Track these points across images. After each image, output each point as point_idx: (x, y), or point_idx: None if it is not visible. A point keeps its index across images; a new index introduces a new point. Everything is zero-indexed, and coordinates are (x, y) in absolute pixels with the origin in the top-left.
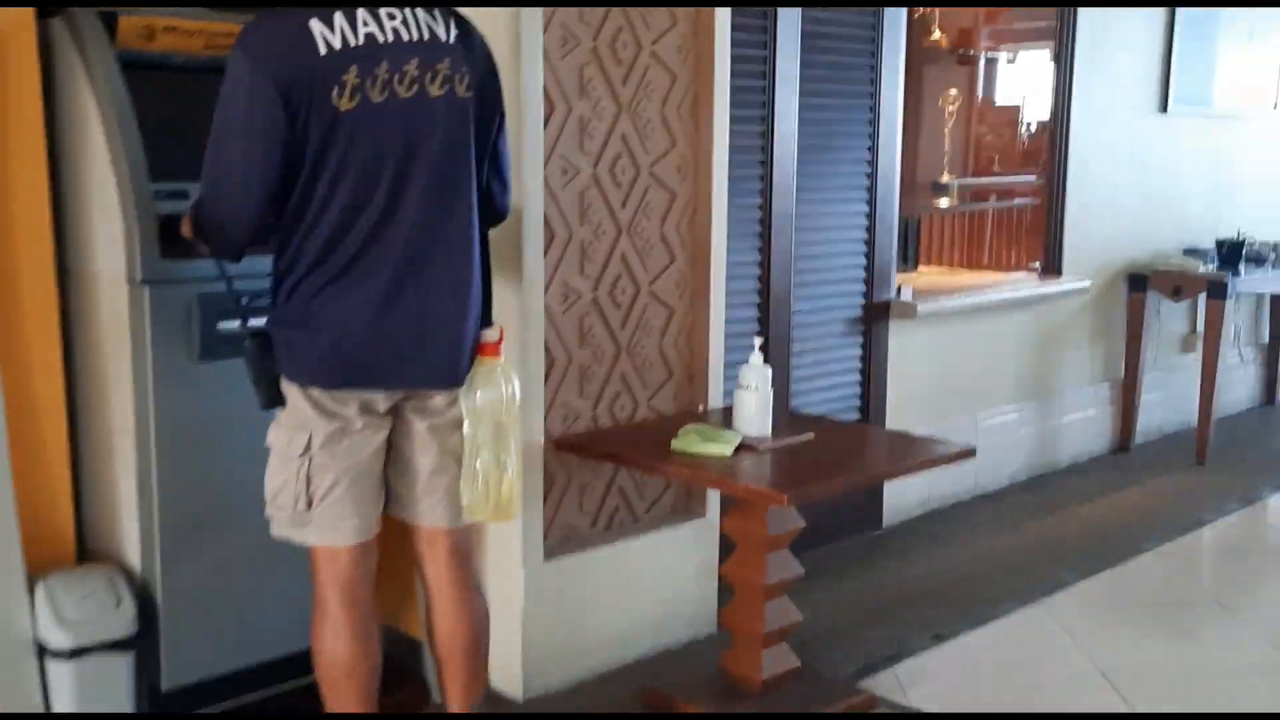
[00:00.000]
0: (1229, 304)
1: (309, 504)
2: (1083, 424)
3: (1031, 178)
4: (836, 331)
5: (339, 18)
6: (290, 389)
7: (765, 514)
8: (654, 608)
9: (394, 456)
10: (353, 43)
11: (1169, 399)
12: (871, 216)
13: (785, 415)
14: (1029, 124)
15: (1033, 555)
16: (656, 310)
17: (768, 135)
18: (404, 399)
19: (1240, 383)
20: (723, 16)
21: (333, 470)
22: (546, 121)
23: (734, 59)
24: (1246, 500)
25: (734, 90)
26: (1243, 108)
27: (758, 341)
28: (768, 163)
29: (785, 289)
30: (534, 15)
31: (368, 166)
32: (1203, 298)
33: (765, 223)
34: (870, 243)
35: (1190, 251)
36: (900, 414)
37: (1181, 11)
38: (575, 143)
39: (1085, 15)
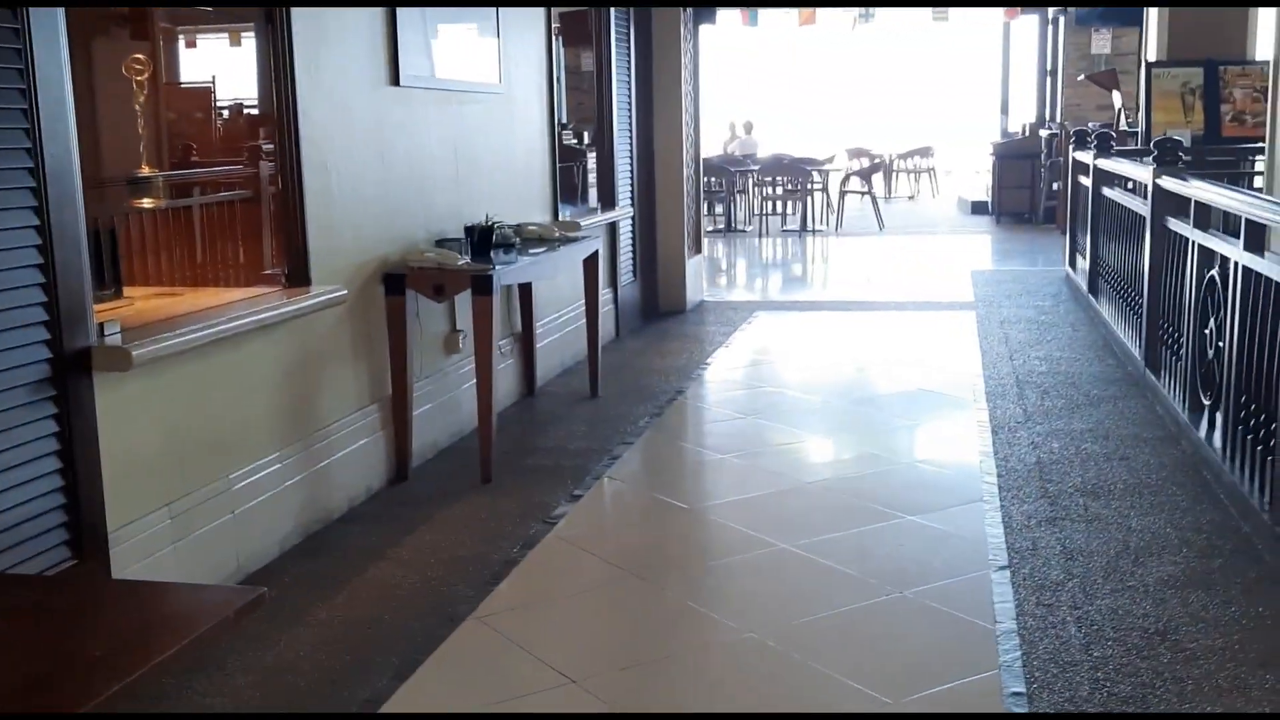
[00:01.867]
0: (496, 299)
1: None
2: (356, 458)
3: (250, 168)
4: (13, 404)
5: None
6: None
7: None
8: None
9: None
10: None
11: (441, 410)
12: (45, 230)
13: None
14: (233, 106)
15: (328, 661)
16: None
17: None
18: None
19: (502, 377)
20: None
21: None
22: None
23: None
24: (545, 520)
25: None
26: (472, 84)
27: None
28: None
29: None
30: None
31: None
32: (467, 295)
33: None
34: (49, 268)
35: (443, 242)
36: (127, 503)
37: None
38: None
39: None
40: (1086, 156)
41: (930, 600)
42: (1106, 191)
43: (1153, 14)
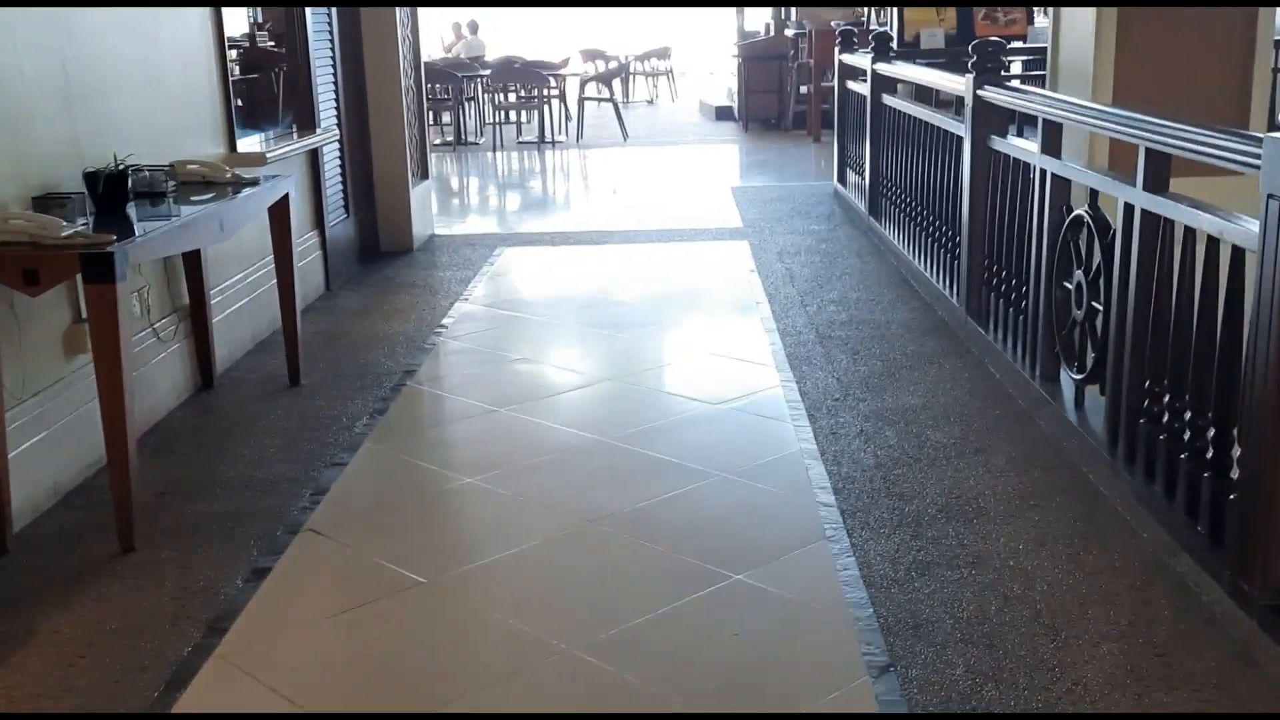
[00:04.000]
0: (123, 287)
1: None
2: None
3: None
4: None
5: None
6: None
7: None
8: None
9: None
10: None
11: (62, 437)
12: None
13: None
14: None
15: None
16: None
17: None
18: None
19: (163, 371)
20: None
21: None
22: None
23: None
24: (210, 625)
25: None
26: None
27: None
28: None
29: None
30: None
31: None
32: (81, 282)
33: None
34: None
35: (49, 199)
36: None
37: None
38: None
39: None
40: (860, 60)
41: None
42: (890, 101)
43: None
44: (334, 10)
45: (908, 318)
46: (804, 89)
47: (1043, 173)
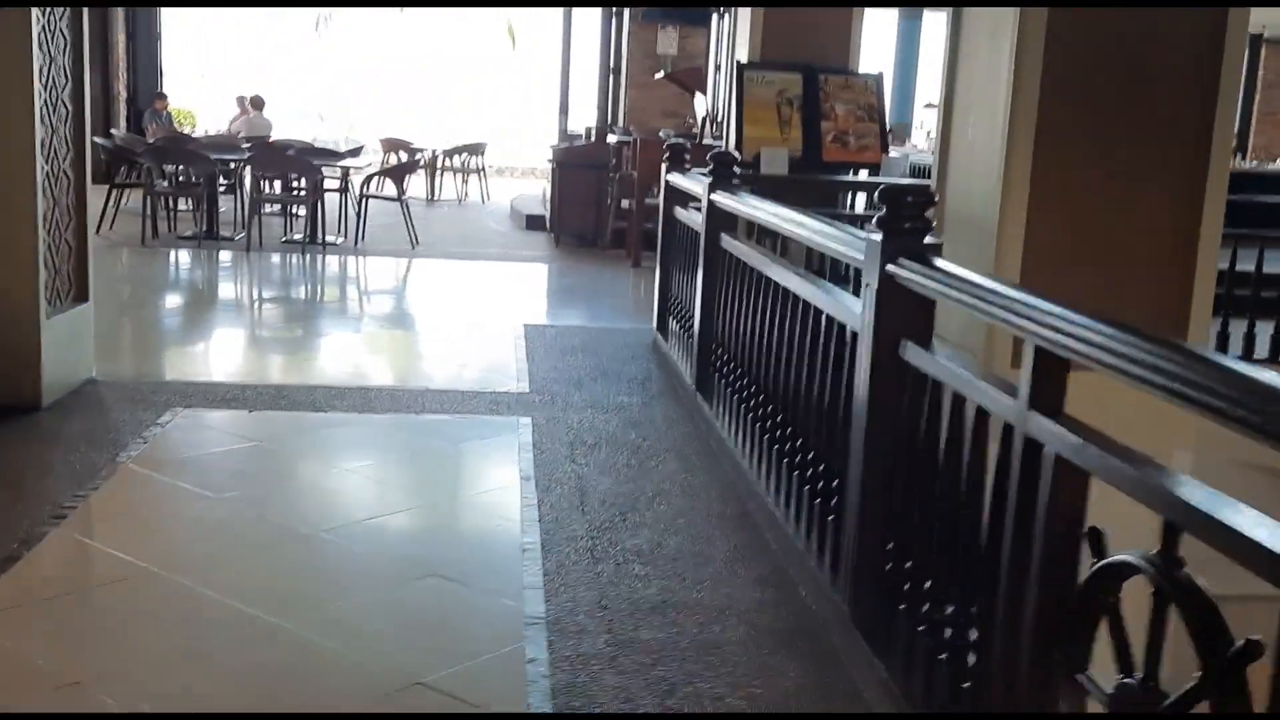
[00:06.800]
0: None
1: None
2: None
3: None
4: None
5: None
6: None
7: None
8: None
9: None
10: None
11: None
12: None
13: None
14: None
15: None
16: None
17: None
18: None
19: None
20: None
21: None
22: None
23: None
24: None
25: None
26: None
27: None
28: None
29: None
30: None
31: None
32: None
33: None
34: None
35: None
36: None
37: None
38: None
39: None
40: (693, 184)
41: None
42: (733, 246)
43: (744, 12)
44: None
45: (753, 602)
46: (625, 204)
47: (1032, 446)
